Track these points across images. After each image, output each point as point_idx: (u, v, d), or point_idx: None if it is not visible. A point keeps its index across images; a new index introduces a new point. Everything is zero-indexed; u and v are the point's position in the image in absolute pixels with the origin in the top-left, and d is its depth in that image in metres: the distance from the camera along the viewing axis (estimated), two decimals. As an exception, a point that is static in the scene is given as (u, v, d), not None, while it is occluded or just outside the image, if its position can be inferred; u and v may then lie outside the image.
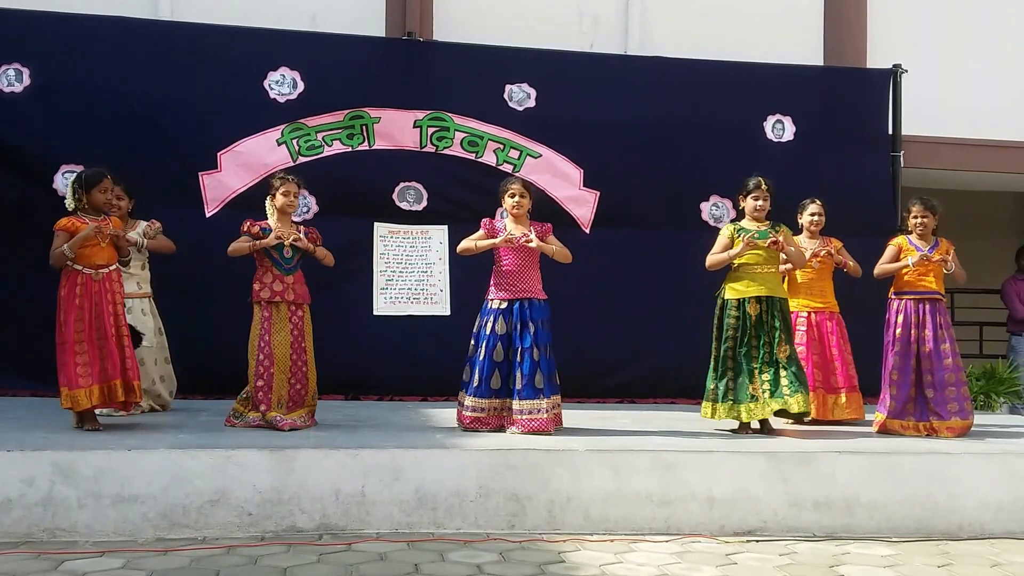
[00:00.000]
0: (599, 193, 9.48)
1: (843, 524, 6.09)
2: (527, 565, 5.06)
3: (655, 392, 9.59)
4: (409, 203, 9.31)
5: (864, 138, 10.17)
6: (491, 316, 6.82)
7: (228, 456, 5.66)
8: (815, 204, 8.30)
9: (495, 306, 6.84)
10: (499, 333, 6.76)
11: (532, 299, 6.86)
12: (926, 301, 7.49)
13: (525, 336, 6.73)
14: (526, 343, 6.71)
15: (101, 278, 6.45)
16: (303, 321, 6.90)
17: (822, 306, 8.16)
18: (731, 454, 6.23)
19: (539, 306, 6.87)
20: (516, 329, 6.75)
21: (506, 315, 6.79)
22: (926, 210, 7.59)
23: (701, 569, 5.13)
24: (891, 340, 7.51)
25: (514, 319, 6.77)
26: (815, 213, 8.27)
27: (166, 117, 8.86)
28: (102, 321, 6.40)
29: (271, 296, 6.78)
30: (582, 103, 9.68)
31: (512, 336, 6.76)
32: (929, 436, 7.26)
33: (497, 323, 6.77)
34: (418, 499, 5.77)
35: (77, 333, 6.30)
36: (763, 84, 10.05)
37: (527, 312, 6.79)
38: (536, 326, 6.78)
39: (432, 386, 9.14)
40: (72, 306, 6.34)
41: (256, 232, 6.84)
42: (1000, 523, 6.28)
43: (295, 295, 6.85)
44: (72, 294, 6.36)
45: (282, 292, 6.79)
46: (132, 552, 5.11)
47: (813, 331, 8.11)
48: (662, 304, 9.54)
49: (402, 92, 9.40)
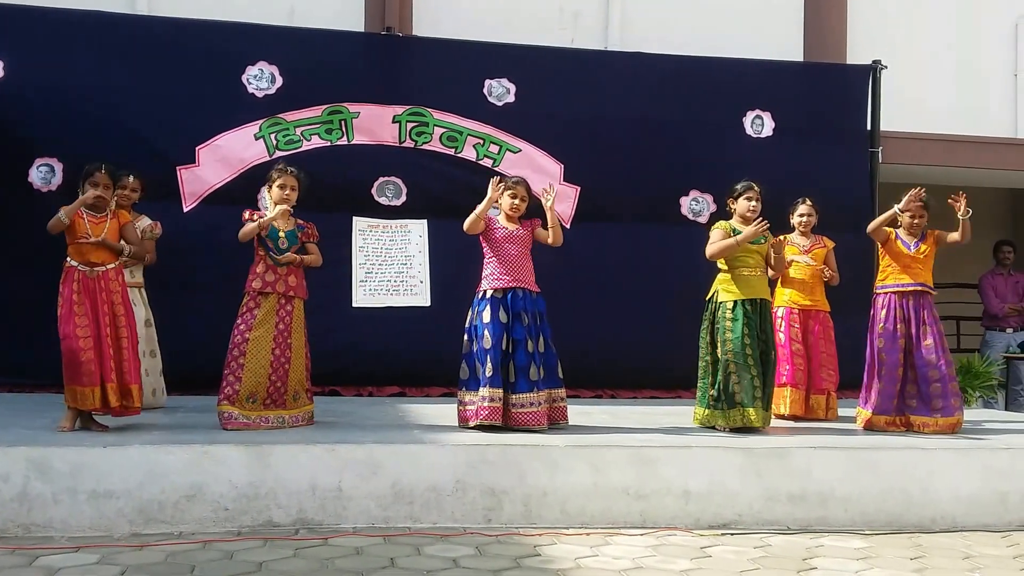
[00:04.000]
0: (579, 188, 9.51)
1: (817, 517, 6.15)
2: (503, 559, 5.09)
3: (634, 385, 9.65)
4: (388, 198, 9.33)
5: (843, 134, 10.26)
6: (487, 305, 6.73)
7: (204, 451, 5.66)
8: (805, 204, 8.29)
9: (488, 296, 6.76)
10: (493, 322, 6.65)
11: (526, 289, 6.81)
12: (911, 295, 7.38)
13: (518, 328, 6.66)
14: (519, 335, 6.64)
15: (97, 276, 6.26)
16: (291, 316, 6.67)
17: (811, 304, 8.10)
18: (707, 448, 6.27)
19: (533, 298, 6.83)
20: (511, 319, 6.70)
21: (500, 305, 6.72)
22: (923, 209, 7.47)
23: (676, 562, 5.16)
24: (875, 335, 7.42)
25: (508, 309, 6.71)
26: (804, 213, 8.26)
27: (143, 111, 8.84)
28: (100, 320, 6.21)
29: (262, 286, 6.58)
30: (562, 98, 9.72)
31: (507, 326, 6.68)
32: (915, 433, 7.20)
33: (497, 312, 6.68)
34: (395, 493, 5.78)
35: (80, 329, 6.13)
36: (743, 80, 10.11)
37: (521, 302, 6.73)
38: (530, 318, 6.71)
39: (410, 379, 9.19)
40: (70, 302, 6.18)
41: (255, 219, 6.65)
42: (973, 516, 6.35)
43: (286, 287, 6.64)
44: (71, 290, 6.20)
45: (273, 283, 6.60)
46: (108, 547, 5.10)
47: (801, 330, 8.05)
48: (642, 298, 9.60)
49: (381, 87, 9.41)
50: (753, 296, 7.12)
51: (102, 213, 6.39)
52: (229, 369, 6.49)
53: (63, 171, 8.55)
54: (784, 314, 8.03)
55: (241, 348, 6.49)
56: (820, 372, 8.04)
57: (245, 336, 6.50)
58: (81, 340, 6.11)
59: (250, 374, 6.47)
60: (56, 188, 8.52)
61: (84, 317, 6.16)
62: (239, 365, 6.47)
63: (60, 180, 8.55)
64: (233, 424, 6.36)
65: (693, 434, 6.78)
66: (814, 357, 8.03)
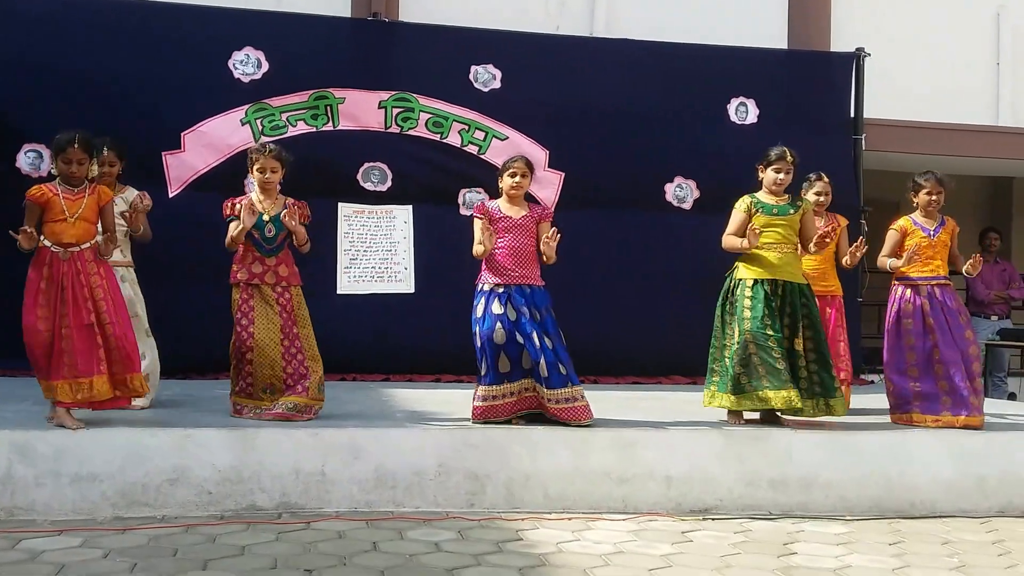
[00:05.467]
0: (564, 175, 9.51)
1: (798, 502, 6.16)
2: (485, 543, 5.09)
3: (617, 371, 9.67)
4: (373, 183, 9.31)
5: (827, 121, 10.26)
6: (483, 298, 6.27)
7: (187, 435, 5.66)
8: (822, 181, 7.67)
9: (487, 288, 6.28)
10: (496, 313, 6.18)
11: (532, 285, 6.32)
12: (932, 286, 6.92)
13: (528, 323, 6.17)
14: (531, 329, 6.16)
15: (69, 257, 5.71)
16: (292, 303, 6.30)
17: (823, 290, 7.48)
18: (688, 433, 6.30)
19: (541, 292, 6.35)
20: (521, 314, 6.19)
21: (502, 298, 6.22)
22: (940, 184, 6.98)
23: (657, 547, 5.16)
24: (891, 329, 7.00)
25: (514, 303, 6.21)
26: (821, 192, 7.63)
27: (129, 96, 8.79)
28: (71, 308, 5.66)
29: (249, 278, 6.23)
30: (548, 85, 9.71)
31: (515, 321, 6.18)
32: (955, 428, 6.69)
33: (492, 304, 6.22)
34: (377, 478, 5.79)
35: (43, 321, 5.64)
36: (727, 67, 10.13)
37: (528, 298, 6.25)
38: (541, 313, 6.27)
39: (395, 365, 9.19)
40: (36, 290, 5.68)
41: (238, 212, 6.22)
42: (951, 501, 6.37)
43: (277, 278, 6.27)
44: (39, 276, 5.69)
45: (261, 275, 6.24)
46: (90, 531, 5.09)
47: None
48: (626, 284, 9.64)
49: (367, 73, 9.40)
50: (775, 277, 6.55)
51: (79, 187, 5.87)
52: (239, 368, 6.24)
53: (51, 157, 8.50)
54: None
55: (248, 344, 6.17)
56: (836, 361, 7.27)
57: (251, 332, 6.18)
58: (42, 334, 5.65)
59: (262, 369, 6.17)
60: (46, 173, 8.48)
61: (46, 307, 5.66)
62: (247, 361, 6.18)
63: (48, 166, 8.50)
64: (244, 415, 6.16)
65: (673, 418, 6.76)
66: (831, 345, 7.21)
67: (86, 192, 5.89)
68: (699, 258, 9.42)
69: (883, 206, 10.42)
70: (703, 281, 8.97)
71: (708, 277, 8.48)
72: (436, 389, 8.32)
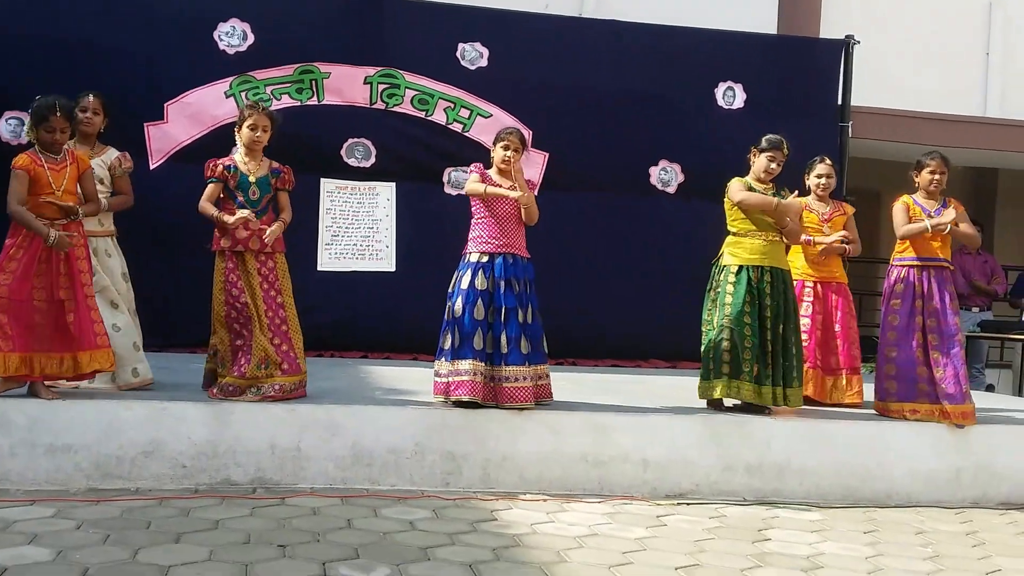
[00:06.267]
0: (547, 155, 9.50)
1: (773, 489, 6.21)
2: (460, 522, 5.12)
3: (596, 353, 9.71)
4: (357, 159, 9.29)
5: (814, 108, 10.25)
6: (468, 269, 6.17)
7: (163, 408, 5.66)
8: (824, 164, 7.51)
9: (474, 260, 6.19)
10: (479, 288, 6.09)
11: (516, 255, 6.26)
12: (931, 268, 6.79)
13: (508, 295, 6.11)
14: (510, 302, 6.10)
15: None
16: (275, 272, 6.15)
17: (828, 276, 7.44)
18: (667, 417, 6.32)
19: (524, 264, 6.29)
20: (500, 287, 6.11)
21: (486, 269, 6.14)
22: (944, 164, 6.84)
23: (631, 530, 5.20)
24: (889, 311, 6.89)
25: (496, 275, 6.13)
26: (824, 174, 7.48)
27: (112, 65, 8.71)
28: (45, 280, 5.60)
29: (233, 244, 6.00)
30: (535, 64, 9.69)
31: (495, 294, 6.11)
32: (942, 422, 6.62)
33: (476, 277, 6.11)
34: (354, 455, 5.81)
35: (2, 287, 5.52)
36: (716, 51, 10.11)
37: (511, 268, 6.18)
38: (521, 285, 6.20)
39: (373, 343, 9.20)
40: (7, 255, 5.57)
41: (220, 172, 6.06)
42: (928, 492, 6.44)
43: (261, 243, 6.05)
44: (13, 244, 5.58)
45: (245, 240, 6.01)
46: (64, 501, 5.11)
47: (819, 304, 7.41)
48: (608, 267, 9.66)
49: (354, 48, 9.35)
50: (761, 263, 6.52)
51: (60, 156, 5.79)
52: (240, 342, 6.00)
53: (32, 126, 8.46)
54: (796, 286, 7.12)
55: (245, 314, 5.95)
56: (851, 350, 7.36)
57: (242, 300, 5.96)
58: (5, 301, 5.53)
59: (256, 341, 5.94)
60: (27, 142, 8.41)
61: (10, 275, 5.54)
62: (248, 332, 5.95)
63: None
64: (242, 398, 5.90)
65: (651, 402, 6.78)
66: (841, 334, 7.38)
67: (67, 161, 5.83)
68: (682, 242, 9.47)
69: (865, 195, 10.47)
70: (686, 265, 9.03)
71: (691, 261, 8.54)
72: (414, 368, 8.33)
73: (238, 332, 6.00)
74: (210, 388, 6.07)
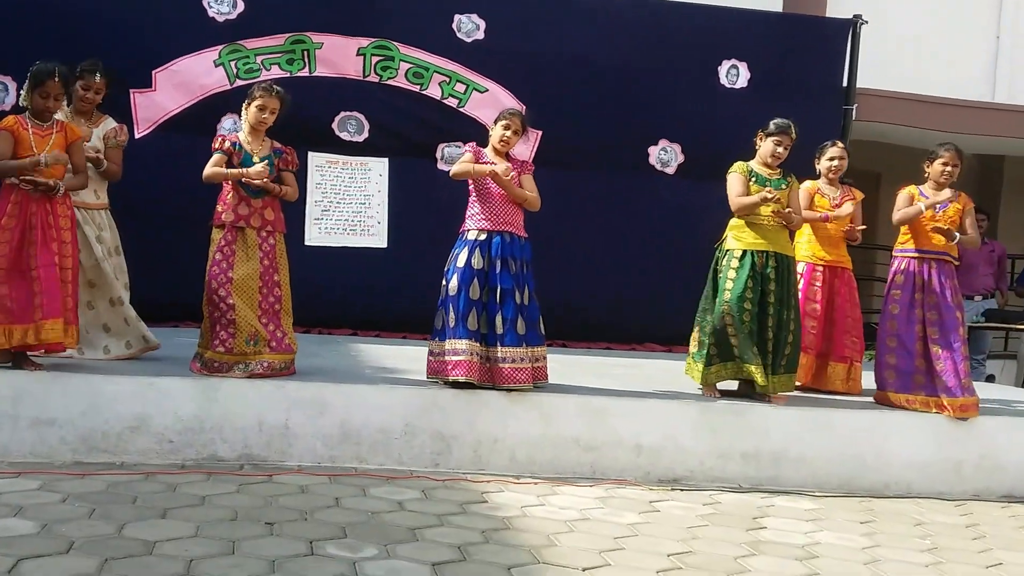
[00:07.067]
0: (542, 132, 9.46)
1: (770, 477, 6.28)
2: (449, 504, 5.18)
3: (590, 336, 9.77)
4: (350, 133, 9.33)
5: (818, 88, 10.28)
6: (465, 248, 6.19)
7: (150, 383, 5.73)
8: (836, 147, 7.56)
9: (471, 237, 6.21)
10: (475, 267, 6.11)
11: (514, 234, 6.27)
12: (932, 260, 6.82)
13: (504, 275, 6.12)
14: (506, 283, 6.12)
15: (39, 197, 5.66)
16: (275, 250, 6.19)
17: (835, 260, 7.50)
18: (662, 402, 6.37)
19: (521, 244, 6.31)
20: (496, 266, 6.13)
21: (483, 248, 6.16)
22: (958, 157, 6.88)
23: (623, 515, 5.27)
24: (889, 301, 6.92)
25: (492, 254, 6.15)
26: (836, 156, 7.53)
27: (98, 29, 8.70)
28: (35, 249, 5.60)
29: (234, 220, 6.05)
30: (532, 38, 9.70)
31: (490, 273, 6.14)
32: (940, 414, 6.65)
33: (473, 256, 6.13)
34: (342, 434, 5.88)
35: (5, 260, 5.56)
36: (720, 28, 10.14)
37: (508, 247, 6.20)
38: (518, 265, 6.22)
39: (363, 320, 9.26)
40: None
41: (227, 148, 6.12)
42: (927, 484, 6.50)
43: (263, 221, 6.12)
44: (4, 212, 5.61)
45: (247, 216, 6.08)
46: (49, 474, 5.17)
47: (825, 289, 7.44)
48: (603, 248, 9.73)
49: (347, 18, 9.35)
50: (766, 248, 6.58)
51: (48, 123, 5.81)
52: (216, 320, 6.00)
53: (17, 90, 8.47)
54: (806, 270, 7.39)
55: (227, 289, 5.97)
56: (844, 338, 7.43)
57: (229, 276, 6.00)
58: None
59: (243, 317, 5.96)
60: (10, 108, 8.44)
61: (5, 245, 5.57)
62: (229, 307, 5.94)
63: (14, 99, 8.46)
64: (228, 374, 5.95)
65: (648, 387, 6.86)
66: (839, 321, 7.44)
67: (54, 129, 5.83)
68: (681, 224, 9.51)
69: (864, 177, 10.51)
70: (684, 248, 9.09)
71: (689, 244, 8.60)
72: (404, 346, 8.39)
73: (216, 304, 5.98)
74: (193, 363, 6.14)
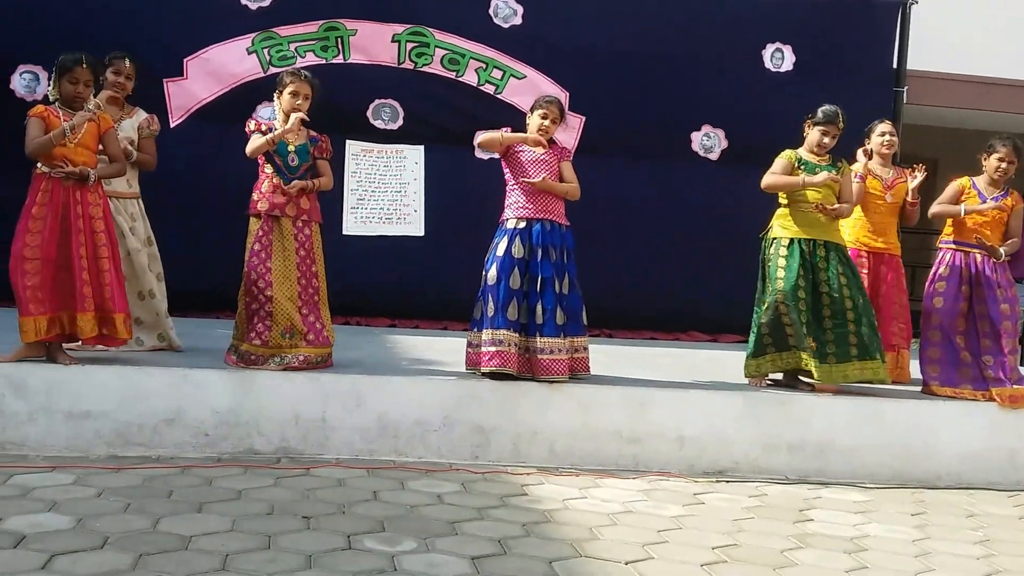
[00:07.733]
0: (584, 118, 9.53)
1: (817, 468, 6.28)
2: (489, 496, 5.21)
3: (634, 325, 9.81)
4: (384, 121, 9.37)
5: (867, 71, 10.22)
6: (505, 236, 6.22)
7: (185, 375, 5.79)
8: (885, 123, 7.60)
9: (511, 226, 6.25)
10: (516, 256, 6.14)
11: (554, 222, 6.29)
12: (979, 253, 6.82)
13: (545, 264, 6.16)
14: (546, 272, 6.15)
15: (70, 186, 5.72)
16: (311, 240, 6.24)
17: (883, 247, 7.50)
18: (705, 393, 6.39)
19: (562, 232, 6.33)
20: (536, 255, 6.17)
21: (523, 236, 6.19)
22: (1015, 153, 6.82)
23: (667, 507, 5.28)
24: (934, 294, 6.89)
25: (533, 242, 6.19)
26: (886, 132, 7.53)
27: (130, 19, 8.83)
28: (68, 239, 5.67)
29: (270, 208, 6.10)
30: (572, 22, 9.71)
31: (531, 262, 6.18)
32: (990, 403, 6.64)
33: (513, 244, 6.16)
34: (380, 427, 5.93)
35: (31, 249, 5.61)
36: (764, 10, 10.10)
37: (548, 235, 6.22)
38: (558, 253, 6.24)
39: (401, 311, 9.31)
40: (29, 215, 5.65)
41: (262, 130, 6.17)
42: (979, 473, 6.47)
43: (298, 210, 6.16)
44: (32, 202, 5.67)
45: (282, 205, 6.11)
46: (84, 468, 5.23)
47: (871, 275, 7.39)
48: (646, 235, 9.72)
49: (381, 4, 9.41)
50: (813, 236, 6.59)
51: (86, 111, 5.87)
52: (254, 311, 6.07)
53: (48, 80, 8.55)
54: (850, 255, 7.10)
55: (266, 280, 6.03)
56: (891, 325, 7.38)
57: (268, 266, 6.06)
58: (29, 263, 5.62)
59: (280, 309, 6.05)
60: (41, 97, 8.55)
61: (37, 235, 5.64)
62: (267, 299, 6.02)
63: (45, 89, 8.56)
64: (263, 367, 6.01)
65: (692, 377, 6.87)
66: (884, 308, 7.36)
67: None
68: (724, 212, 9.49)
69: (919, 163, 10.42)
70: (728, 235, 9.08)
71: (733, 231, 8.58)
72: (443, 337, 8.43)
73: (255, 296, 6.05)
74: (228, 355, 6.20)
